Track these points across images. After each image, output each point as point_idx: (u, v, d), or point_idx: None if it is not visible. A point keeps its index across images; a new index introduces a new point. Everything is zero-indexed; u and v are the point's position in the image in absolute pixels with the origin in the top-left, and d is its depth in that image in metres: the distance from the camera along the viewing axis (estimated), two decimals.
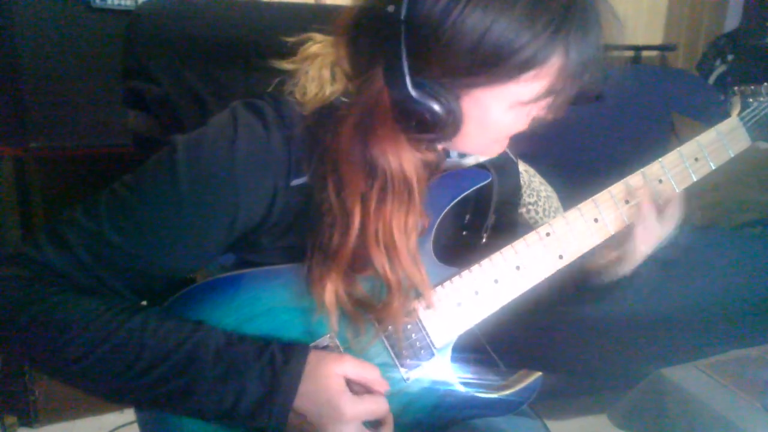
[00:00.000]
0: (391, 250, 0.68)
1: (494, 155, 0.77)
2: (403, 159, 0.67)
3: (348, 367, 0.69)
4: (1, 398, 1.68)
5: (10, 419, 1.69)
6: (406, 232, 0.68)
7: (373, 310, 0.71)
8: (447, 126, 0.64)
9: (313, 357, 0.68)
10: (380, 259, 0.68)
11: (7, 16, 1.52)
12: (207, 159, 0.66)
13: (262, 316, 0.72)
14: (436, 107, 0.62)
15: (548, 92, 0.65)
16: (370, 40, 0.64)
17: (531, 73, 0.63)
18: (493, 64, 0.61)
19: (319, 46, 0.73)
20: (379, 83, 0.64)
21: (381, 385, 0.72)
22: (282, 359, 0.67)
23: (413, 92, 0.61)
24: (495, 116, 0.67)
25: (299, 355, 0.68)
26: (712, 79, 2.65)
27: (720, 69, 2.64)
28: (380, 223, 0.67)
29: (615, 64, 0.72)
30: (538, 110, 0.69)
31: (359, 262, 0.69)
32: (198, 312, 0.71)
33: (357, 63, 0.67)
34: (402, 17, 0.60)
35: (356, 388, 0.70)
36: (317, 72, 0.70)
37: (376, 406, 0.71)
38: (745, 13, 2.80)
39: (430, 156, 0.72)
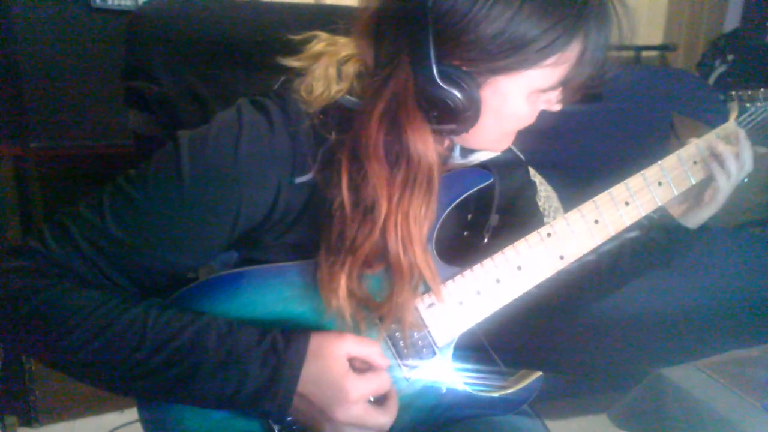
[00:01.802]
0: (406, 239, 0.68)
1: (500, 151, 0.78)
2: (428, 148, 0.67)
3: (349, 345, 0.69)
4: (1, 398, 1.68)
5: (11, 419, 1.69)
6: (419, 223, 0.69)
7: (378, 307, 0.71)
8: (468, 115, 0.66)
9: (314, 340, 0.68)
10: (395, 249, 0.68)
11: (7, 16, 1.52)
12: (211, 155, 0.66)
13: (264, 314, 0.72)
14: (461, 95, 0.64)
15: (564, 80, 0.67)
16: (395, 30, 0.65)
17: (552, 59, 0.65)
18: (519, 48, 0.63)
19: (325, 44, 0.73)
20: (405, 72, 0.64)
21: (382, 360, 0.71)
22: (283, 343, 0.67)
23: (439, 80, 0.63)
24: (512, 106, 0.69)
25: (301, 339, 0.68)
26: (712, 79, 2.65)
27: (720, 69, 2.64)
28: (400, 214, 0.68)
29: (621, 60, 0.74)
30: (547, 102, 0.71)
31: (374, 256, 0.69)
32: (200, 309, 0.70)
33: (381, 54, 0.67)
34: (429, 4, 0.61)
35: (358, 365, 0.70)
36: (324, 70, 0.71)
37: (379, 382, 0.70)
38: (745, 12, 2.80)
39: (443, 150, 0.73)
